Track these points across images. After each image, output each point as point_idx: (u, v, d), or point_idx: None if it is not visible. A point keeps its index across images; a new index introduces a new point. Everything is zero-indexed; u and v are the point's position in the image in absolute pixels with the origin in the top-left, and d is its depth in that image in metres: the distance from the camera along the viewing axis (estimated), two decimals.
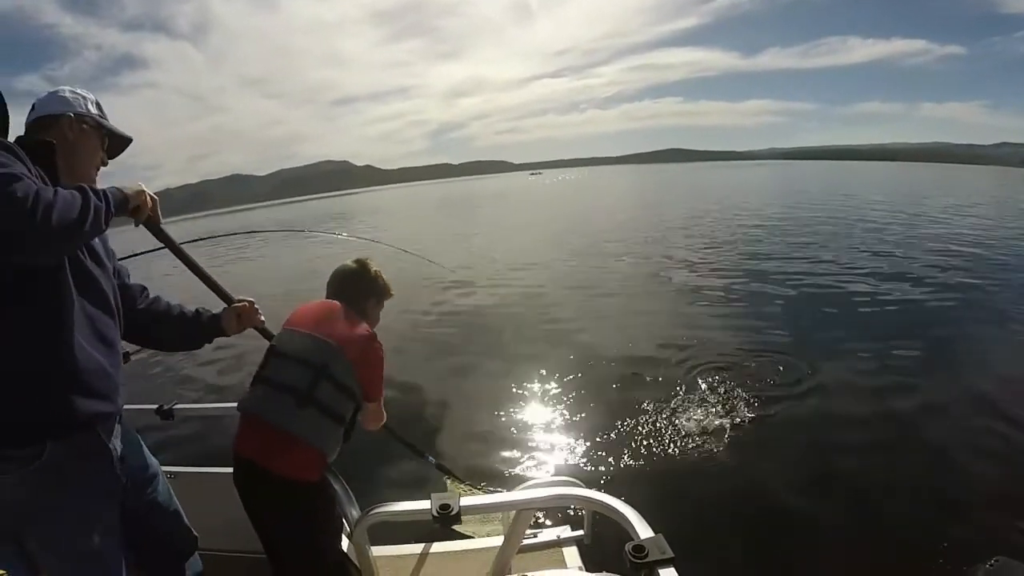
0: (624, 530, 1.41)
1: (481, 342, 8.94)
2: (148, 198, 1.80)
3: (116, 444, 1.75)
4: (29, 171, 1.44)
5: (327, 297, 2.30)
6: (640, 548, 1.25)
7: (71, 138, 1.81)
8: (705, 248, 16.17)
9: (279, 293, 13.30)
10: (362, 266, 2.34)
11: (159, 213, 1.89)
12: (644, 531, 1.36)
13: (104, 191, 1.56)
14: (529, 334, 8.95)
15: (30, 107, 1.88)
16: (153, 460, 2.06)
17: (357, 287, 2.31)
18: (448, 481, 4.47)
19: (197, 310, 2.23)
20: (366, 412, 2.21)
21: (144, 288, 2.18)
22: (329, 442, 1.99)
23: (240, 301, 2.34)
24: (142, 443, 2.02)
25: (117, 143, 2.00)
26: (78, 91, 1.90)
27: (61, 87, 1.89)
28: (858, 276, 11.53)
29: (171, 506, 2.09)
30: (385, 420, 2.36)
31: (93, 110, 1.89)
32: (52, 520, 1.55)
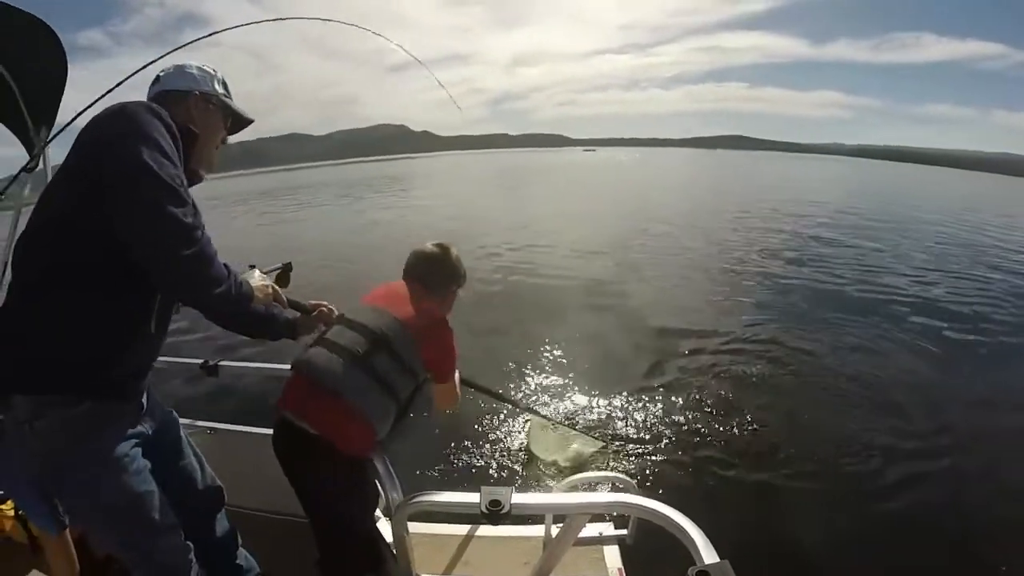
0: (683, 547, 1.32)
1: (530, 320, 8.95)
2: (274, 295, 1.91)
3: (144, 399, 1.82)
4: (175, 163, 1.50)
5: (404, 278, 2.23)
6: (705, 575, 1.17)
7: (195, 117, 1.78)
8: (762, 246, 15.86)
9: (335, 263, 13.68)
10: (444, 251, 2.25)
11: (282, 295, 1.98)
12: (710, 556, 1.26)
13: (282, 319, 2.08)
14: (587, 320, 8.83)
15: (153, 79, 1.85)
16: (173, 413, 2.07)
17: (439, 272, 2.23)
18: (530, 422, 4.90)
19: (272, 314, 2.19)
20: (437, 392, 2.22)
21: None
22: (379, 414, 1.95)
23: (315, 308, 2.29)
24: (155, 393, 2.00)
25: (239, 122, 1.97)
26: (206, 68, 1.87)
27: (188, 63, 1.86)
28: (924, 288, 11.34)
29: (194, 458, 2.09)
30: (458, 401, 2.34)
31: (219, 89, 1.86)
32: (86, 465, 1.58)
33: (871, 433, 5.30)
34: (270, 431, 2.08)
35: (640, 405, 5.83)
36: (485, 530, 2.87)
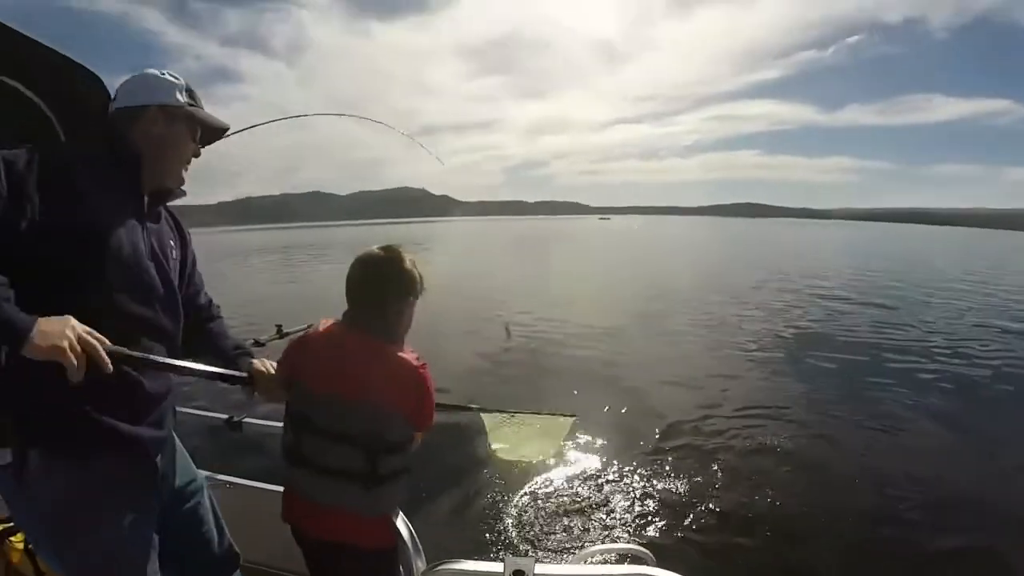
0: None
1: (536, 383, 9.28)
2: (73, 350, 1.29)
3: (159, 461, 1.77)
4: (17, 192, 1.36)
5: (349, 299, 1.91)
6: None
7: (156, 132, 1.72)
8: (769, 313, 16.06)
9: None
10: (393, 255, 1.90)
11: (102, 355, 1.34)
12: None
13: (8, 315, 1.24)
14: (590, 382, 9.20)
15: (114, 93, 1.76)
16: (199, 474, 2.04)
17: (391, 285, 1.88)
18: (484, 417, 4.88)
19: (237, 353, 2.04)
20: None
21: (210, 304, 2.13)
22: (391, 502, 1.89)
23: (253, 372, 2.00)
24: (187, 456, 2.03)
25: (212, 131, 1.88)
26: (166, 74, 1.75)
27: (148, 68, 1.76)
28: (937, 351, 11.38)
29: (214, 521, 2.06)
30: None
31: (182, 98, 1.76)
32: (87, 524, 1.56)
33: (896, 504, 5.31)
34: (279, 487, 2.10)
35: (659, 474, 5.85)
36: None
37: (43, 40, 1.94)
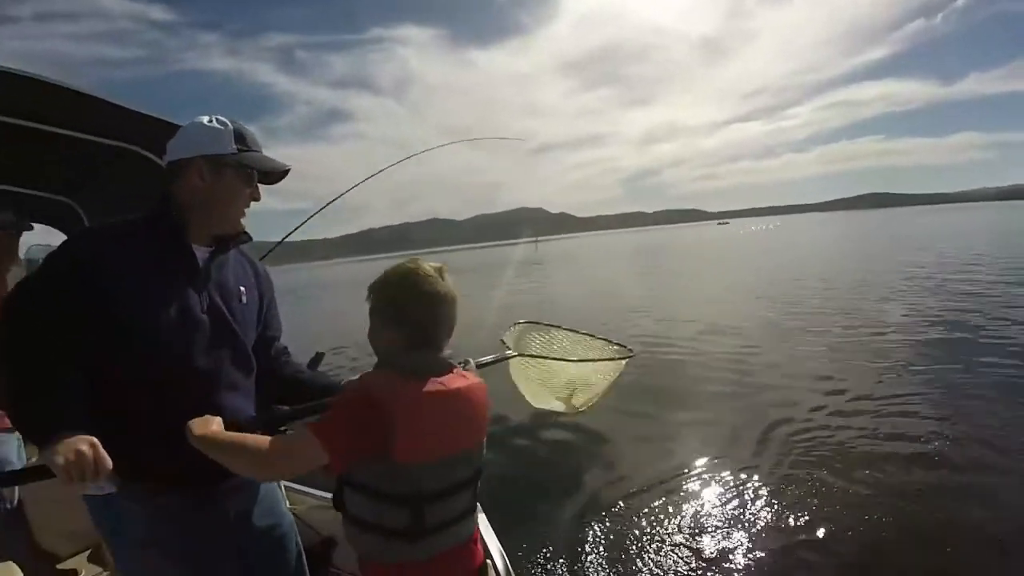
0: None
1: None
2: (67, 470, 1.28)
3: (235, 501, 1.79)
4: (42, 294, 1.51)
5: (444, 331, 1.66)
6: None
7: (203, 184, 1.69)
8: (911, 313, 14.30)
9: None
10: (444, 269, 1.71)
11: (87, 472, 1.31)
12: None
13: (52, 429, 1.33)
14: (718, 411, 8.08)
15: None
16: (286, 515, 2.01)
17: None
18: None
19: (313, 378, 2.05)
20: None
21: (284, 349, 2.08)
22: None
23: None
24: (277, 496, 2.01)
25: (271, 173, 1.84)
26: (213, 120, 1.72)
27: (199, 117, 1.74)
28: None
29: (295, 565, 2.01)
30: None
31: (230, 146, 1.70)
32: (160, 565, 1.63)
33: None
34: None
35: (786, 500, 5.25)
36: None
37: (159, 113, 2.48)
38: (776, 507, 5.18)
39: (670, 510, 5.27)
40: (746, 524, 4.94)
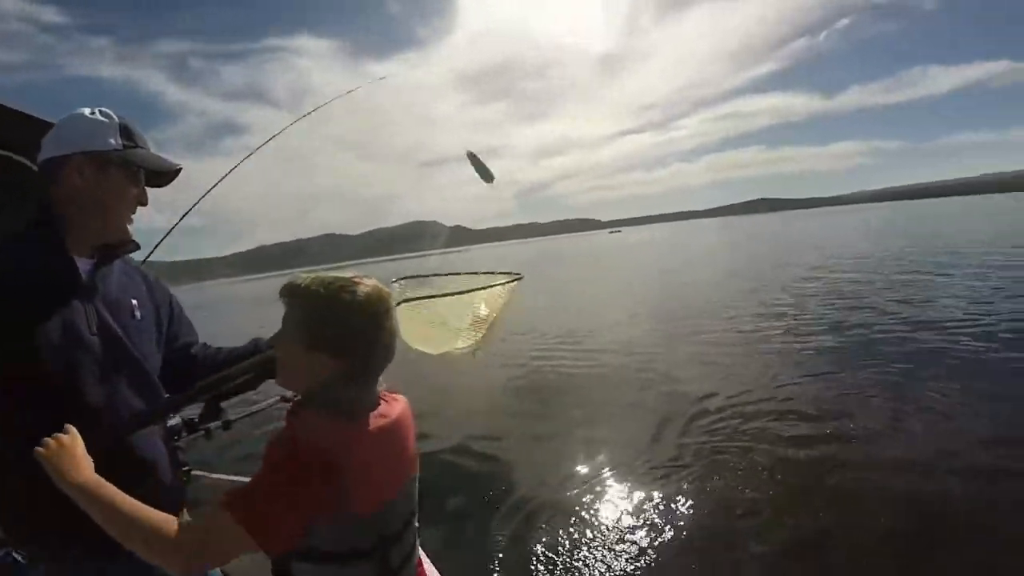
0: None
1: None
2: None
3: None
4: None
5: (387, 353, 1.41)
6: None
7: (83, 184, 1.49)
8: (795, 310, 15.16)
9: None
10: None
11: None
12: None
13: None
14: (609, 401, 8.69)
15: None
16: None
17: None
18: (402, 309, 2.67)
19: (255, 343, 1.85)
20: None
21: (206, 345, 1.93)
22: None
23: None
24: None
25: (161, 172, 1.64)
26: (96, 112, 1.53)
27: (79, 109, 1.54)
28: (958, 329, 10.48)
29: None
30: None
31: (114, 141, 1.51)
32: None
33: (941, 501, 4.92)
34: None
35: (677, 493, 5.51)
36: None
37: (42, 114, 2.13)
38: (674, 501, 5.34)
39: (573, 510, 5.36)
40: (653, 521, 5.06)
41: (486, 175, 2.44)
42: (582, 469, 6.28)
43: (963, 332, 10.02)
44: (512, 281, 2.38)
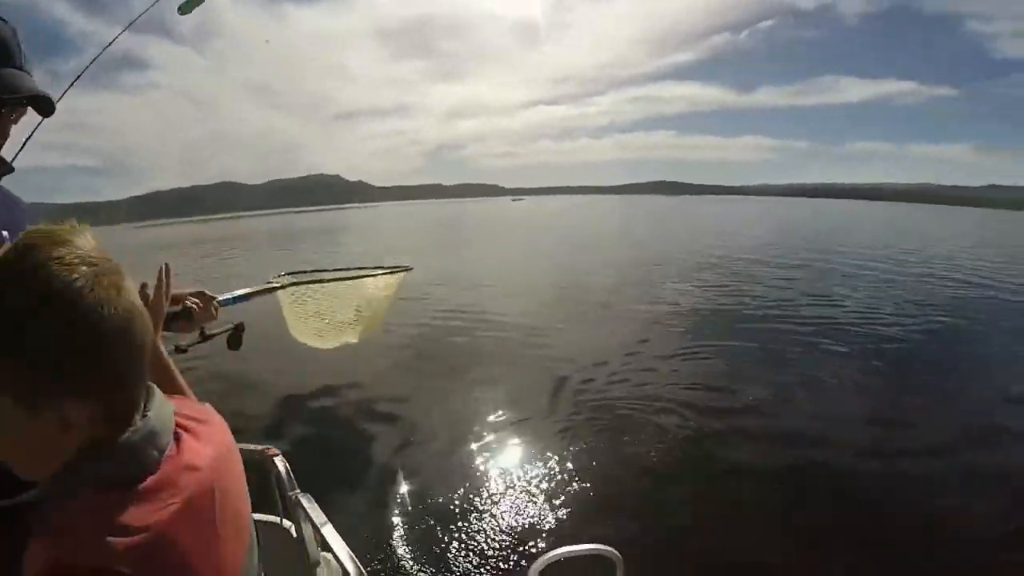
0: None
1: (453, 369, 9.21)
2: None
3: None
4: None
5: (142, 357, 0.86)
6: None
7: None
8: (686, 287, 16.18)
9: None
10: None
11: None
12: None
13: None
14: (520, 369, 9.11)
15: None
16: None
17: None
18: (284, 295, 2.88)
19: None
20: None
21: None
22: None
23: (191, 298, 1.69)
24: None
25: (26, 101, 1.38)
26: None
27: None
28: (847, 318, 11.85)
29: None
30: None
31: None
32: None
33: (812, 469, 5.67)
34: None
35: (583, 457, 5.89)
36: None
37: None
38: (566, 465, 5.67)
39: (467, 468, 5.74)
40: (543, 485, 5.39)
41: (184, 8, 2.39)
42: (475, 430, 6.61)
43: (849, 320, 10.97)
44: (400, 271, 2.36)
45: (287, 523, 2.27)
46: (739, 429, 6.45)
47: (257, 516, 2.22)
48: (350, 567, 1.77)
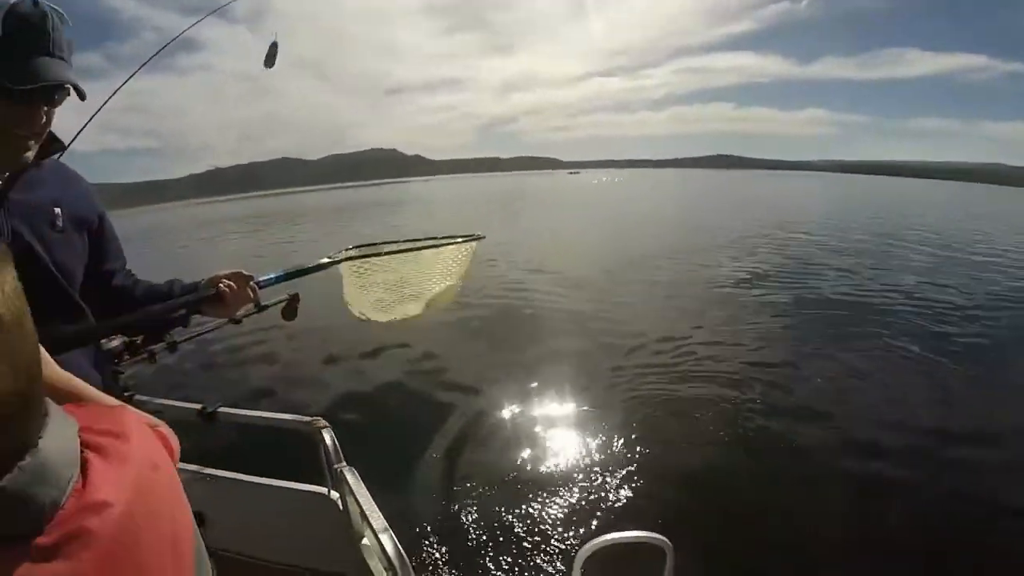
0: None
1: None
2: None
3: None
4: None
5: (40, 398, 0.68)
6: None
7: None
8: (747, 264, 15.98)
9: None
10: None
11: None
12: None
13: None
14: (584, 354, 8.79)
15: None
16: None
17: None
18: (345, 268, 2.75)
19: (171, 285, 1.74)
20: None
21: (130, 275, 1.80)
22: None
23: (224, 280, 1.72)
24: None
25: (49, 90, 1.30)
26: None
27: None
28: (907, 301, 11.37)
29: None
30: None
31: None
32: None
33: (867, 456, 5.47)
34: (269, 480, 2.21)
35: (638, 444, 5.72)
36: None
37: None
38: (618, 448, 5.56)
39: (540, 461, 5.55)
40: (600, 469, 5.25)
41: (269, 61, 2.63)
42: (528, 409, 6.55)
43: (919, 310, 10.46)
44: (472, 240, 2.24)
45: (334, 494, 2.30)
46: (802, 417, 6.25)
47: (304, 487, 2.40)
48: (388, 545, 1.78)
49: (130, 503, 0.69)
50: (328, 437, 2.22)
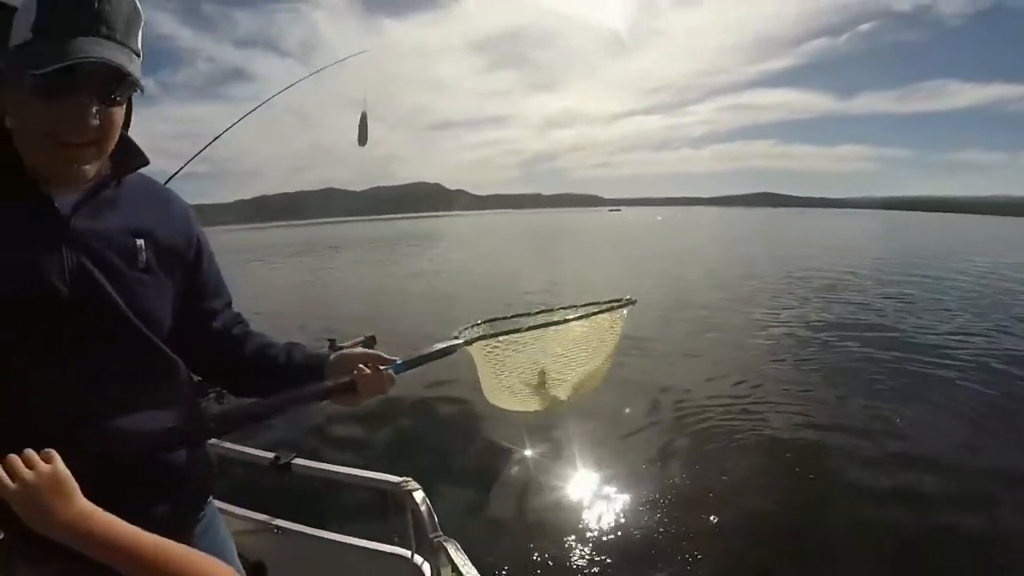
0: None
1: None
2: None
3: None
4: None
5: None
6: None
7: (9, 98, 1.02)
8: (789, 306, 15.40)
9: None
10: None
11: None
12: None
13: None
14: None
15: None
16: (231, 553, 1.51)
17: None
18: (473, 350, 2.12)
19: (306, 363, 1.40)
20: None
21: (237, 319, 1.47)
22: None
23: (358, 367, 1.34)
24: (220, 528, 1.50)
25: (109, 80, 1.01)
26: None
27: None
28: (971, 351, 10.44)
29: None
30: None
31: (22, 33, 0.97)
32: None
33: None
34: (345, 537, 2.13)
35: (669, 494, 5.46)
36: None
37: None
38: (674, 484, 5.45)
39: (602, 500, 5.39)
40: (649, 513, 5.09)
41: (362, 137, 2.56)
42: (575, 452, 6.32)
43: (964, 352, 9.90)
44: (624, 305, 1.74)
45: (420, 560, 2.01)
46: (853, 465, 5.88)
47: (387, 548, 2.10)
48: None
49: None
50: (420, 500, 1.99)
